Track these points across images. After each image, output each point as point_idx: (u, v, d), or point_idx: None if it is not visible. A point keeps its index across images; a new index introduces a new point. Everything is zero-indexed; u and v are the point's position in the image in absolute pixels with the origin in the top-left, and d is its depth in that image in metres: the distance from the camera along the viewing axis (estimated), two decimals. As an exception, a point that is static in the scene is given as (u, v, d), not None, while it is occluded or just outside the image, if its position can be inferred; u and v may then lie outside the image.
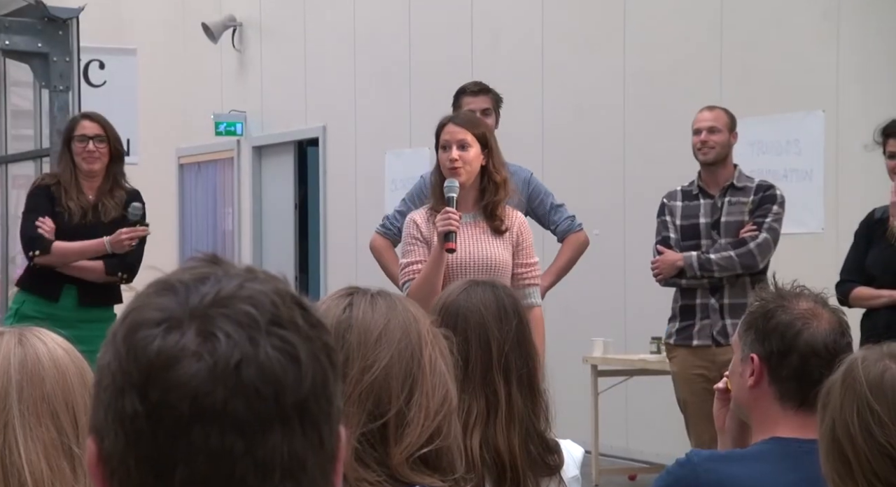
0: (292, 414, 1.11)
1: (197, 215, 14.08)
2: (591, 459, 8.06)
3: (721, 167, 6.31)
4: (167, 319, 1.11)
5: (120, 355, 1.12)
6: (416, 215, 5.12)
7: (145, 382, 1.10)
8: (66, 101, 5.87)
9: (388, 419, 1.90)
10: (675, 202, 6.41)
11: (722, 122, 6.33)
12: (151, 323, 1.12)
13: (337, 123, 11.91)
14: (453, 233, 4.83)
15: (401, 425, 1.91)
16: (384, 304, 2.00)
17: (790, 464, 2.69)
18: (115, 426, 1.11)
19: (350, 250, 11.67)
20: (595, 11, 9.22)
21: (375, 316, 1.98)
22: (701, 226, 6.31)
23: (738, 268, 6.15)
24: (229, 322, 1.11)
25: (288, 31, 12.52)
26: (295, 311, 1.14)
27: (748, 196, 6.26)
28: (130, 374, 1.11)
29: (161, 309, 1.12)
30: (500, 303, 2.63)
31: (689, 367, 6.33)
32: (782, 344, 2.72)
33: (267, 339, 1.11)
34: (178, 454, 1.09)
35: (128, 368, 1.11)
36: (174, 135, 13.99)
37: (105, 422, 1.13)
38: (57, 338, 2.10)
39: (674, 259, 6.24)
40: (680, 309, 6.41)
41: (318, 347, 1.14)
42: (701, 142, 6.31)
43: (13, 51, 5.92)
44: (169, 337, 1.10)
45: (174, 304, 1.12)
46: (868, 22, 7.61)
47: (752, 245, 6.15)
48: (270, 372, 1.10)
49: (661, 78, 8.62)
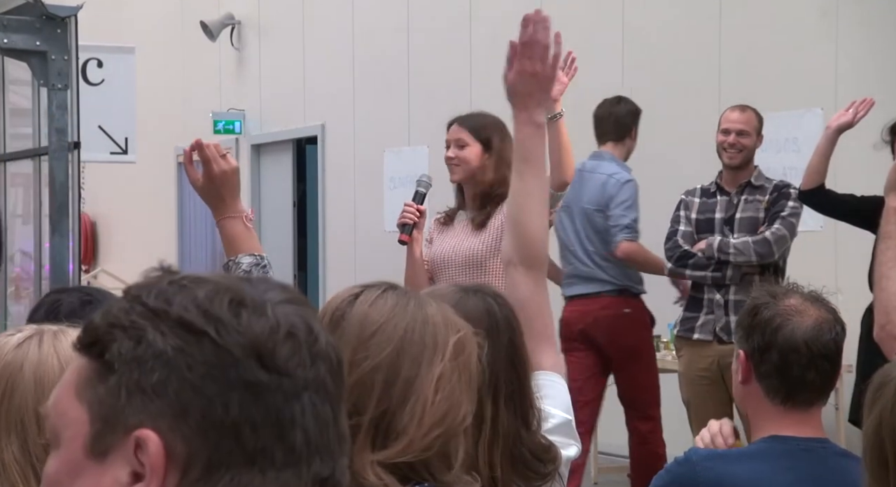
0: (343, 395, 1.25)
1: (196, 213, 14.07)
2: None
3: (743, 170, 6.32)
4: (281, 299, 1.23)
5: (221, 334, 1.16)
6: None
7: (272, 352, 1.17)
8: (65, 100, 5.86)
9: (361, 421, 1.78)
10: (693, 198, 6.46)
11: (752, 126, 6.31)
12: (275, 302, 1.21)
13: (336, 122, 11.90)
14: (408, 226, 4.80)
15: (382, 431, 1.79)
16: (393, 302, 1.89)
17: (788, 463, 2.69)
18: (228, 395, 1.15)
19: (349, 248, 11.67)
20: (594, 9, 9.21)
21: (376, 311, 1.87)
22: (715, 221, 6.34)
23: (752, 255, 6.13)
24: (311, 312, 1.25)
25: (286, 30, 12.52)
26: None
27: (765, 194, 6.27)
28: (245, 348, 1.17)
29: (259, 294, 1.21)
30: (493, 317, 2.37)
31: (692, 367, 6.34)
32: (762, 340, 2.72)
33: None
34: (295, 416, 1.17)
35: (240, 342, 1.17)
36: (173, 134, 13.98)
37: (201, 399, 1.15)
38: (65, 345, 2.01)
39: (699, 247, 6.30)
40: (689, 299, 6.44)
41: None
42: (730, 144, 6.27)
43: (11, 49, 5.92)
44: (287, 307, 1.21)
45: (270, 291, 1.23)
46: (866, 20, 7.61)
47: (767, 233, 6.15)
48: (338, 357, 1.25)
49: (660, 77, 8.61)
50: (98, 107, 6.61)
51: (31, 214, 6.62)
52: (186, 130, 13.85)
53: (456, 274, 4.93)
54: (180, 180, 14.34)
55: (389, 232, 10.82)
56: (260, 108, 12.95)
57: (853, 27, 7.61)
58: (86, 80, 6.57)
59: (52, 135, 5.89)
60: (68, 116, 5.89)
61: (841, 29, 7.63)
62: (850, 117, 5.89)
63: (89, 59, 6.66)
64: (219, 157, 3.02)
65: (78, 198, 5.99)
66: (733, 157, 6.27)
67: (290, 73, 12.39)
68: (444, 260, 4.99)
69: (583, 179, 6.66)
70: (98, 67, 6.71)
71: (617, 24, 9.01)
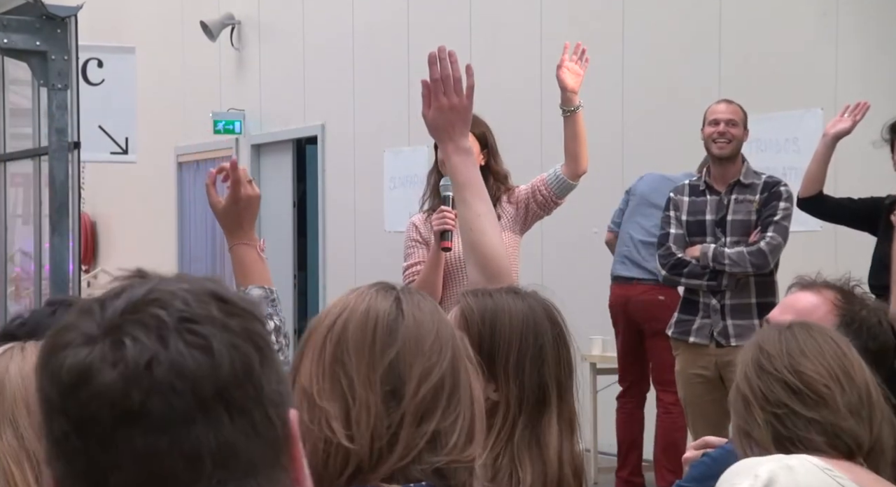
0: (214, 404, 1.12)
1: (196, 213, 14.07)
2: (589, 457, 8.06)
3: (731, 163, 6.30)
4: (81, 337, 1.14)
5: (42, 381, 1.15)
6: (415, 218, 5.22)
7: (66, 400, 1.12)
8: (65, 100, 5.85)
9: (427, 428, 1.73)
10: (681, 196, 6.42)
11: (739, 117, 6.32)
12: (66, 343, 1.14)
13: (335, 122, 11.90)
14: (449, 232, 4.86)
15: (442, 433, 1.74)
16: (428, 304, 1.83)
17: None
18: (54, 451, 1.14)
19: (349, 248, 11.67)
20: (594, 9, 9.21)
21: (426, 316, 1.80)
22: (707, 223, 6.31)
23: (748, 266, 6.13)
24: (137, 326, 1.13)
25: (286, 30, 12.52)
26: (210, 305, 1.15)
27: (755, 194, 6.24)
28: (52, 397, 1.13)
29: (76, 329, 1.14)
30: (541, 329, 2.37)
31: (688, 367, 6.33)
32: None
33: (177, 336, 1.12)
34: (108, 462, 1.11)
35: (49, 392, 1.14)
36: (173, 134, 13.99)
37: (48, 450, 1.15)
38: None
39: (693, 254, 6.28)
40: (682, 301, 6.42)
41: (237, 335, 1.15)
42: (719, 133, 6.26)
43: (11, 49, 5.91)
44: (80, 352, 1.12)
45: (88, 323, 1.14)
46: (867, 20, 7.61)
47: (762, 243, 6.14)
48: (182, 367, 1.11)
49: (660, 76, 8.61)
50: (98, 107, 6.60)
51: (31, 214, 6.61)
52: (186, 130, 13.85)
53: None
54: (180, 180, 14.35)
55: (389, 232, 10.83)
56: (260, 108, 12.95)
57: (853, 27, 7.61)
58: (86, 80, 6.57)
59: (52, 135, 5.88)
60: (68, 116, 5.89)
61: (841, 29, 7.63)
62: (848, 124, 5.89)
63: (89, 59, 6.66)
64: (247, 182, 3.02)
65: (78, 198, 5.99)
66: (723, 147, 6.26)
67: (290, 73, 12.39)
68: (461, 259, 4.97)
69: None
70: (98, 67, 6.71)
71: (617, 24, 9.01)
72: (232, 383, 1.13)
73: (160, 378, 1.11)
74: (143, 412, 1.10)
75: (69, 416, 1.12)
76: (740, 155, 6.34)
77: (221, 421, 1.13)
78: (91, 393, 1.11)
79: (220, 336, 1.14)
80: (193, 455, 1.12)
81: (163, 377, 1.11)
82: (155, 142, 12.95)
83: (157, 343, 1.12)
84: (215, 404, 1.12)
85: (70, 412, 1.12)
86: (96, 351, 1.12)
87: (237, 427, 1.13)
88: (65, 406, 1.12)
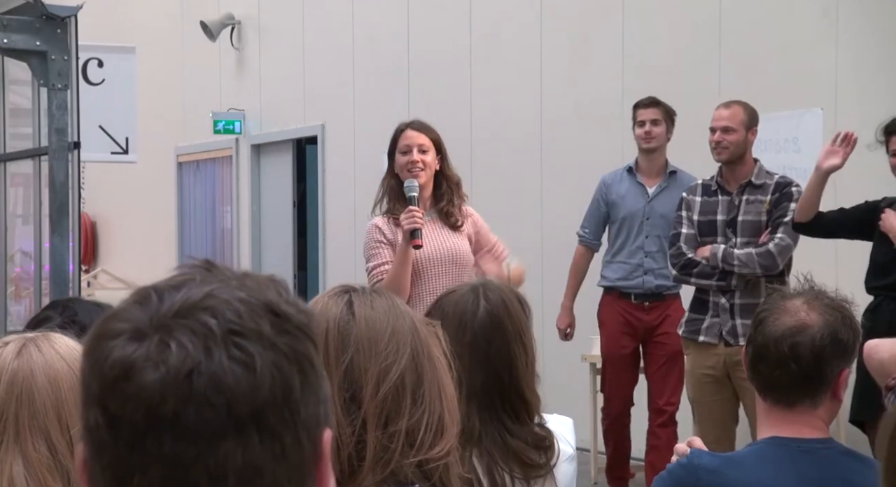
0: (247, 423, 1.12)
1: (196, 214, 14.07)
2: (589, 457, 8.06)
3: (739, 164, 6.32)
4: (131, 330, 1.13)
5: (84, 367, 1.15)
6: (377, 221, 5.46)
7: (104, 393, 1.13)
8: (65, 100, 5.85)
9: (398, 427, 1.76)
10: (694, 196, 6.44)
11: (737, 121, 6.32)
12: (116, 333, 1.14)
13: (336, 121, 11.90)
14: (419, 230, 5.16)
15: (418, 433, 1.77)
16: (382, 303, 1.85)
17: (790, 466, 2.68)
18: (85, 436, 1.15)
19: (349, 248, 11.66)
20: (593, 9, 9.21)
21: (380, 315, 1.82)
22: (718, 223, 6.33)
23: (756, 268, 6.15)
24: (186, 332, 1.12)
25: (286, 30, 12.52)
26: (263, 320, 1.14)
27: (766, 194, 6.26)
28: (91, 386, 1.14)
29: (128, 320, 1.14)
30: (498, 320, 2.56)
31: (698, 366, 6.34)
32: (751, 334, 2.74)
33: (223, 349, 1.12)
34: (134, 462, 1.12)
35: (90, 380, 1.14)
36: (173, 134, 13.99)
37: (81, 430, 1.17)
38: (62, 347, 2.09)
39: (703, 254, 6.30)
40: (693, 300, 6.44)
41: (283, 355, 1.14)
42: (715, 141, 6.33)
43: (11, 49, 5.91)
44: (127, 348, 1.12)
45: (141, 315, 1.14)
46: (866, 20, 7.61)
47: (771, 245, 6.15)
48: (222, 382, 1.11)
49: (660, 76, 8.61)
50: (98, 107, 6.60)
51: (31, 214, 6.62)
52: (186, 130, 13.85)
53: (444, 271, 5.29)
54: (180, 180, 14.35)
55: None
56: (260, 108, 12.95)
57: (853, 27, 7.61)
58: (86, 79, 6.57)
59: (52, 135, 5.88)
60: (68, 116, 5.89)
61: (841, 29, 7.63)
62: (839, 160, 5.93)
63: (89, 58, 6.66)
64: None
65: (78, 198, 5.99)
66: (720, 153, 6.33)
67: (290, 73, 12.39)
68: (430, 258, 5.27)
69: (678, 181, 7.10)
70: (98, 67, 6.71)
71: (617, 24, 9.01)
72: (269, 404, 1.13)
73: (198, 389, 1.11)
74: (176, 420, 1.11)
75: (104, 410, 1.13)
76: (749, 155, 6.35)
77: (251, 441, 1.12)
78: (129, 393, 1.11)
79: (265, 354, 1.13)
80: (218, 470, 1.12)
81: (201, 389, 1.11)
82: (155, 141, 12.95)
83: (202, 352, 1.11)
84: (248, 423, 1.12)
85: (106, 406, 1.12)
86: (142, 349, 1.12)
87: (265, 449, 1.13)
88: (102, 398, 1.13)
